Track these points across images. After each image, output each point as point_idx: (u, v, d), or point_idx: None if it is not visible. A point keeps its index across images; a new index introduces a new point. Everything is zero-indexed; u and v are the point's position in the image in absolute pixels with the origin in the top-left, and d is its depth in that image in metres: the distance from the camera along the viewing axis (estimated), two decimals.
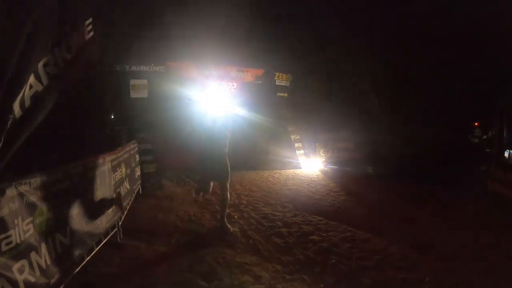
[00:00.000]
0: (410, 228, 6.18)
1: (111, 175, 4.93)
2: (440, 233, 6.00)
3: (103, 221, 4.37)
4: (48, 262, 3.01)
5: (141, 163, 7.69)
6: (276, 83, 12.89)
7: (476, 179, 10.69)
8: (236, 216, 6.29)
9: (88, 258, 3.86)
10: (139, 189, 7.35)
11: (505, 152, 11.18)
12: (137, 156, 7.43)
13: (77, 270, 3.55)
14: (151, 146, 8.34)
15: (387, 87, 13.53)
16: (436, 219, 6.83)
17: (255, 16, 12.43)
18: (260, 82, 12.51)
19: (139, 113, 9.41)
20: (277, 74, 12.87)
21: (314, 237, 5.52)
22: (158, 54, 10.54)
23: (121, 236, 4.79)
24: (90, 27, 3.71)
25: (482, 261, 4.80)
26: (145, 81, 9.81)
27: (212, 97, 7.13)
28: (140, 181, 7.43)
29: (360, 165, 11.54)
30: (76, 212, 3.64)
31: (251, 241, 5.17)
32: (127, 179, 6.03)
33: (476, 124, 16.73)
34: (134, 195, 6.68)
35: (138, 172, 7.31)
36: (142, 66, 10.10)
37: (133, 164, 6.81)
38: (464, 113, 15.43)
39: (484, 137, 14.79)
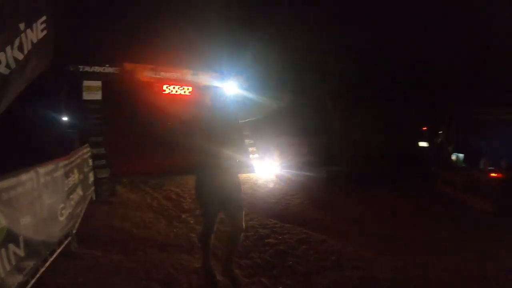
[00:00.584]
0: (365, 227, 6.46)
1: (64, 181, 4.78)
2: (393, 231, 6.32)
3: (57, 230, 4.22)
4: (3, 275, 2.87)
5: (94, 168, 7.51)
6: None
7: (425, 180, 11.30)
8: (192, 221, 6.28)
9: (43, 269, 3.73)
10: (92, 195, 7.16)
11: (453, 155, 11.83)
12: (90, 161, 7.26)
13: (32, 282, 3.43)
14: (104, 151, 8.16)
15: (342, 92, 13.91)
16: (388, 218, 7.18)
17: (211, 20, 12.47)
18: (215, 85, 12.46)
19: (92, 116, 9.14)
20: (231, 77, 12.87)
21: (271, 240, 5.63)
22: (113, 54, 10.28)
23: (76, 245, 4.66)
24: (44, 25, 3.55)
25: (437, 255, 5.13)
26: (98, 83, 9.53)
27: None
28: (93, 187, 7.25)
29: (315, 168, 11.77)
30: (29, 221, 3.47)
31: None
32: (80, 185, 5.85)
33: (424, 128, 17.52)
34: (87, 202, 6.51)
35: (91, 178, 7.14)
36: (95, 67, 9.78)
37: (86, 169, 6.63)
38: (416, 118, 16.21)
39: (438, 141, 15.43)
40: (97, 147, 8.09)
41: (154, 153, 10.35)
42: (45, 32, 3.58)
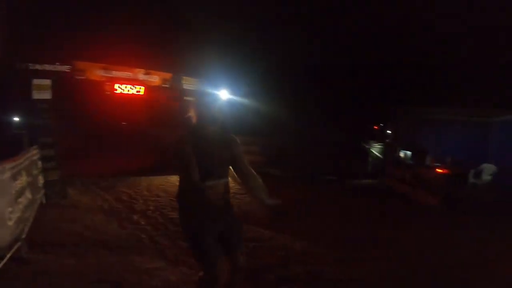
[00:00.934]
0: (313, 224, 6.82)
1: (11, 184, 4.72)
2: (340, 226, 6.76)
3: (6, 235, 4.19)
4: None
5: (44, 170, 7.43)
6: (184, 87, 12.91)
7: (374, 177, 11.92)
8: (143, 222, 6.40)
9: None
10: (42, 199, 7.08)
11: (401, 153, 12.50)
12: (39, 163, 7.19)
13: None
14: (54, 152, 8.03)
15: (291, 93, 14.23)
16: (336, 214, 7.63)
17: (164, 19, 12.46)
18: (168, 85, 12.48)
19: (42, 116, 8.89)
20: (184, 78, 12.91)
21: None
22: (64, 52, 10.04)
23: (27, 250, 4.62)
24: None
25: (382, 248, 5.58)
26: (48, 81, 9.27)
27: None
28: (43, 190, 7.18)
29: (265, 168, 12.04)
30: None
31: (158, 247, 5.34)
32: (28, 188, 5.79)
33: (375, 127, 18.24)
34: (37, 206, 6.45)
35: (41, 181, 7.08)
36: (46, 65, 9.48)
37: (35, 172, 6.57)
38: (367, 118, 16.91)
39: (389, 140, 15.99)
40: (47, 149, 7.92)
41: (106, 154, 10.29)
42: None
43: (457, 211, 8.56)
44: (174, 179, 10.58)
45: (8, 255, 4.18)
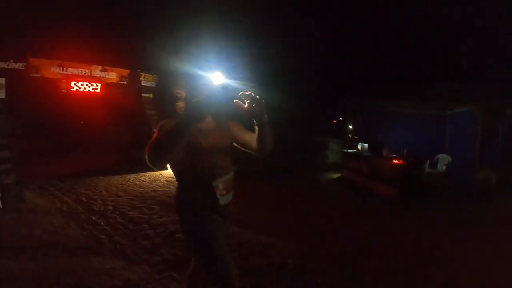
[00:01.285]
0: (274, 218, 7.11)
1: None
2: (301, 219, 7.09)
3: None
4: None
5: None
6: (142, 84, 12.83)
7: (333, 170, 12.37)
8: (102, 223, 6.45)
9: None
10: None
11: (358, 145, 12.95)
12: None
13: None
14: (9, 154, 7.87)
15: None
16: (296, 207, 7.97)
17: (121, 13, 12.29)
18: (125, 82, 12.36)
19: None
20: (143, 74, 12.82)
21: (180, 235, 5.97)
22: (18, 49, 9.73)
23: None
24: None
25: (342, 239, 5.93)
26: (2, 80, 8.98)
27: None
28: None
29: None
30: None
31: (118, 246, 5.44)
32: None
33: (334, 121, 18.73)
34: None
35: None
36: None
37: None
38: (327, 113, 17.33)
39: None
40: (1, 150, 7.78)
41: (63, 154, 10.16)
42: None
43: (414, 200, 9.13)
44: (133, 178, 10.64)
45: None
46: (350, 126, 15.52)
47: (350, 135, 15.29)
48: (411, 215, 8.03)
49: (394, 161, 10.51)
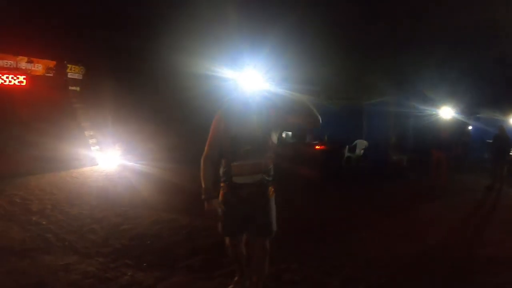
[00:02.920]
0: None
1: None
2: None
3: None
4: None
5: None
6: (68, 76, 12.43)
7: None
8: (44, 222, 6.40)
9: None
10: None
11: (283, 133, 13.59)
12: None
13: None
14: None
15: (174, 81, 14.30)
16: None
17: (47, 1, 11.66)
18: (51, 74, 11.90)
19: None
20: (69, 66, 12.39)
21: (125, 226, 6.27)
22: None
23: None
24: None
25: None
26: None
27: None
28: None
29: (155, 154, 12.26)
30: None
31: (66, 243, 5.51)
32: None
33: None
34: None
35: None
36: None
37: None
38: None
39: None
40: None
41: None
42: None
43: (335, 180, 10.04)
44: (65, 174, 10.42)
45: None
46: None
47: None
48: (330, 193, 8.90)
49: (316, 146, 11.37)
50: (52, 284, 4.23)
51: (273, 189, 3.34)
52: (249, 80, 3.80)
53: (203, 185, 3.24)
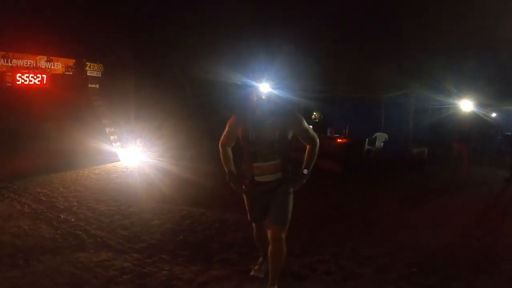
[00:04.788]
0: (236, 198, 7.35)
1: None
2: None
3: None
4: None
5: None
6: (88, 74, 12.38)
7: None
8: (73, 219, 6.29)
9: None
10: None
11: None
12: None
13: None
14: None
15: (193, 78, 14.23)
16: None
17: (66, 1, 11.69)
18: (71, 73, 11.85)
19: None
20: (88, 64, 12.33)
21: (156, 221, 6.15)
22: None
23: None
24: None
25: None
26: None
27: None
28: None
29: (176, 151, 12.03)
30: None
31: (99, 239, 5.41)
32: None
33: None
34: None
35: None
36: None
37: None
38: None
39: None
40: None
41: (11, 153, 9.54)
42: None
43: (356, 173, 9.89)
44: (88, 172, 10.33)
45: None
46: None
47: None
48: (353, 186, 8.73)
49: (338, 140, 11.33)
50: (89, 281, 4.12)
51: (293, 185, 3.60)
52: (265, 85, 4.38)
53: (226, 170, 3.72)
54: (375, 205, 7.30)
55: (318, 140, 3.64)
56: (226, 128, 3.67)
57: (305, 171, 3.55)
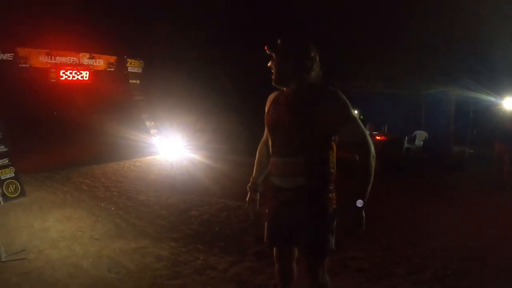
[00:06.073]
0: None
1: None
2: None
3: None
4: None
5: None
6: (129, 70, 12.70)
7: None
8: (113, 208, 6.47)
9: None
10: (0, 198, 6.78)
11: None
12: None
13: None
14: (6, 148, 7.64)
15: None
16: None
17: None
18: (113, 69, 12.18)
19: None
20: (129, 60, 12.66)
21: (193, 212, 6.20)
22: (5, 39, 9.38)
23: (4, 254, 4.42)
24: None
25: None
26: None
27: None
28: (0, 189, 6.89)
29: (215, 145, 12.10)
30: None
31: (137, 228, 5.52)
32: None
33: None
34: None
35: None
36: None
37: None
38: None
39: None
40: None
41: (55, 145, 9.89)
42: None
43: (395, 171, 9.61)
44: (128, 164, 10.58)
45: None
46: None
47: None
48: (390, 184, 8.47)
49: (376, 137, 11.03)
50: (126, 267, 4.21)
51: (329, 199, 2.41)
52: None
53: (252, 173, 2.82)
54: (413, 204, 7.04)
55: (371, 145, 2.30)
56: None
57: (360, 203, 2.30)
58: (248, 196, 2.84)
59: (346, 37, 12.95)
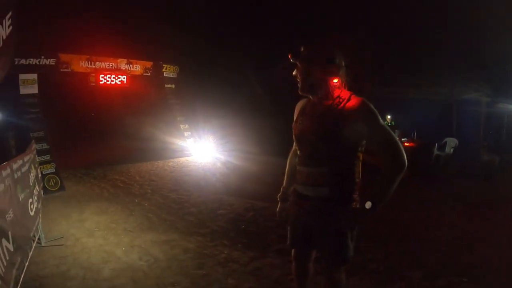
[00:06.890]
0: None
1: (29, 176, 4.73)
2: None
3: (30, 224, 4.31)
4: (2, 270, 2.78)
5: (40, 163, 7.52)
6: (164, 75, 13.06)
7: None
8: (146, 204, 6.79)
9: (27, 263, 3.69)
10: (41, 192, 7.17)
11: None
12: (37, 156, 7.30)
13: (22, 276, 3.41)
14: (48, 146, 8.16)
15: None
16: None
17: (144, 7, 12.51)
18: (149, 74, 12.58)
19: (30, 111, 8.71)
20: (165, 66, 13.03)
21: (221, 211, 6.40)
22: (48, 45, 9.87)
23: (45, 240, 4.87)
24: (10, 21, 3.52)
25: None
26: (34, 76, 9.06)
27: None
28: (42, 183, 7.28)
29: (247, 147, 12.29)
30: (12, 217, 3.43)
31: (167, 222, 5.78)
32: (36, 180, 5.93)
33: None
34: (41, 198, 6.61)
35: (40, 174, 7.20)
36: (31, 59, 9.15)
37: (37, 165, 6.73)
38: None
39: None
40: (40, 142, 8.00)
41: (93, 144, 10.40)
42: (11, 28, 3.56)
43: (424, 179, 9.49)
44: (162, 164, 10.96)
45: (34, 244, 4.30)
46: None
47: None
48: (418, 191, 8.37)
49: (405, 143, 10.92)
50: (155, 256, 4.47)
51: (352, 209, 2.40)
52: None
53: (283, 183, 2.87)
54: (438, 212, 6.93)
55: (403, 154, 2.30)
56: None
57: (368, 205, 2.27)
58: (278, 206, 2.89)
59: (379, 43, 12.86)
